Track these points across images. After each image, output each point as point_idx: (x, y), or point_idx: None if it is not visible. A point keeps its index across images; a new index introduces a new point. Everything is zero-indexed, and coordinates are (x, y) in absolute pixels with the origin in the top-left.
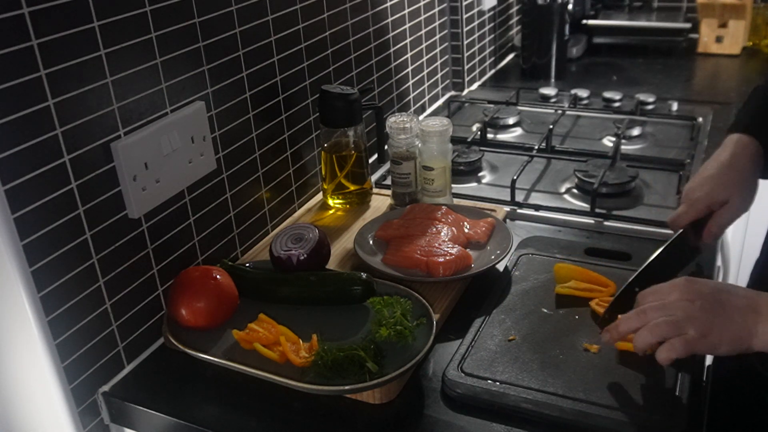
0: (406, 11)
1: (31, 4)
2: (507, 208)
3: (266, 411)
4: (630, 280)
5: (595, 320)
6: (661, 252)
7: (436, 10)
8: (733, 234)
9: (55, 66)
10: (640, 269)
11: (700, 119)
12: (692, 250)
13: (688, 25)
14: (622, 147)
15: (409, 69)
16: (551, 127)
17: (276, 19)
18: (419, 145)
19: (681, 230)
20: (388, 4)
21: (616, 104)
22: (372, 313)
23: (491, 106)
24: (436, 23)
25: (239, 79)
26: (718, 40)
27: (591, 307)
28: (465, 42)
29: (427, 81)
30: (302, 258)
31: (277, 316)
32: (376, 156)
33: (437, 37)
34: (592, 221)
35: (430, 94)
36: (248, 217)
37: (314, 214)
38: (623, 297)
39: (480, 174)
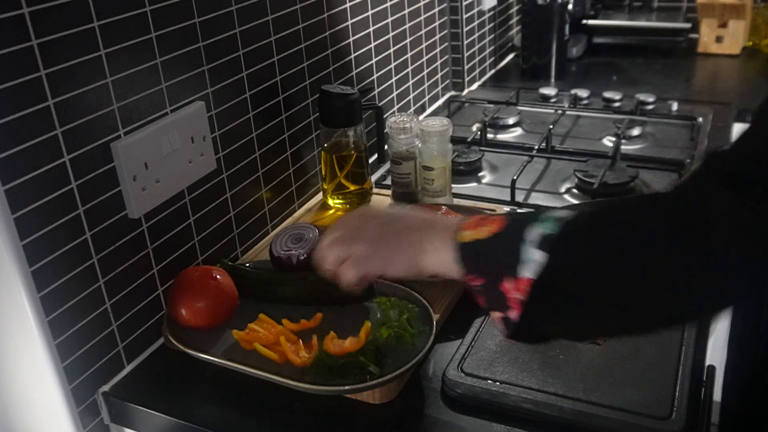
0: (406, 11)
1: (31, 4)
2: (507, 208)
3: (266, 411)
4: None
5: None
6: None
7: (436, 10)
8: None
9: (55, 66)
10: None
11: (700, 119)
12: None
13: (688, 25)
14: (622, 147)
15: (409, 69)
16: (551, 127)
17: (276, 19)
18: (419, 145)
19: None
20: (389, 4)
21: (616, 104)
22: (371, 313)
23: (491, 106)
24: (436, 23)
25: (239, 79)
26: (718, 40)
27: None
28: (465, 42)
29: (427, 81)
30: (302, 258)
31: (277, 316)
32: (376, 156)
33: (437, 37)
34: None
35: (430, 94)
36: (248, 217)
37: (314, 214)
38: None
39: (480, 174)
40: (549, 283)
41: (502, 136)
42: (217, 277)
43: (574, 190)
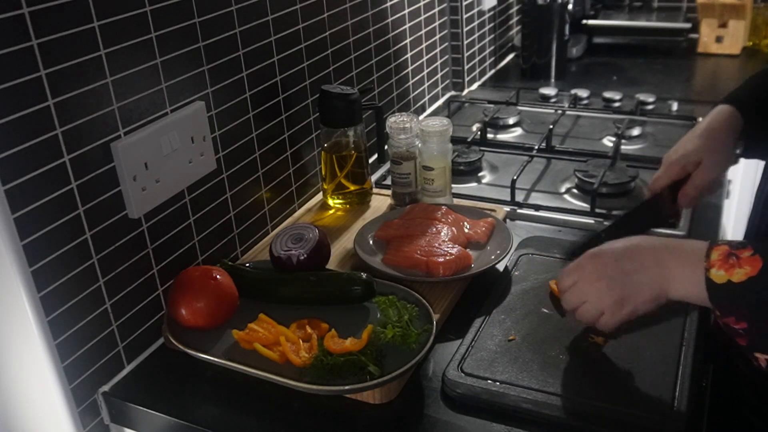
0: (406, 11)
1: (31, 4)
2: (507, 208)
3: (266, 411)
4: (598, 232)
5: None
6: (632, 210)
7: (436, 10)
8: (733, 232)
9: (55, 66)
10: (610, 223)
11: (700, 119)
12: (668, 214)
13: (688, 25)
14: (622, 147)
15: (409, 69)
16: (551, 127)
17: (276, 19)
18: (419, 145)
19: (657, 193)
20: (388, 4)
21: (616, 104)
22: (371, 313)
23: (491, 106)
24: (436, 23)
25: (239, 79)
26: (718, 40)
27: (550, 286)
28: (465, 42)
29: (427, 81)
30: (302, 258)
31: (277, 316)
32: (376, 156)
33: (437, 37)
34: (592, 221)
35: (430, 94)
36: (248, 217)
37: (314, 214)
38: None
39: (480, 174)
40: None
41: (502, 136)
42: (217, 277)
43: (574, 190)
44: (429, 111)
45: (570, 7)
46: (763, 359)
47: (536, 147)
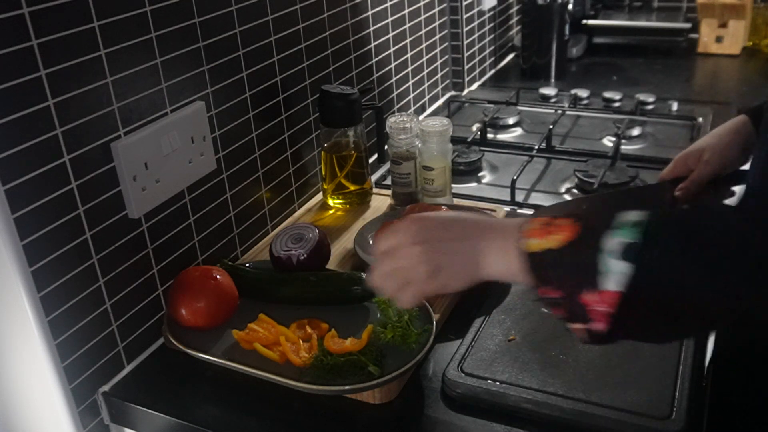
0: (406, 11)
1: (31, 4)
2: (507, 208)
3: (266, 411)
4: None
5: None
6: (625, 190)
7: (436, 10)
8: None
9: (55, 66)
10: (600, 193)
11: (700, 119)
12: (670, 201)
13: (688, 25)
14: (622, 147)
15: (409, 69)
16: (551, 127)
17: (276, 19)
18: (419, 145)
19: (656, 182)
20: (388, 4)
21: (616, 104)
22: (371, 313)
23: (491, 106)
24: (436, 23)
25: (239, 79)
26: (718, 40)
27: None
28: (465, 42)
29: (427, 81)
30: (302, 258)
31: (277, 316)
32: (376, 156)
33: (437, 37)
34: None
35: (430, 94)
36: (248, 217)
37: (314, 214)
38: None
39: (480, 174)
40: (637, 295)
41: (502, 136)
42: (217, 277)
43: (574, 190)
44: (429, 111)
45: (570, 7)
46: (581, 330)
47: (536, 147)
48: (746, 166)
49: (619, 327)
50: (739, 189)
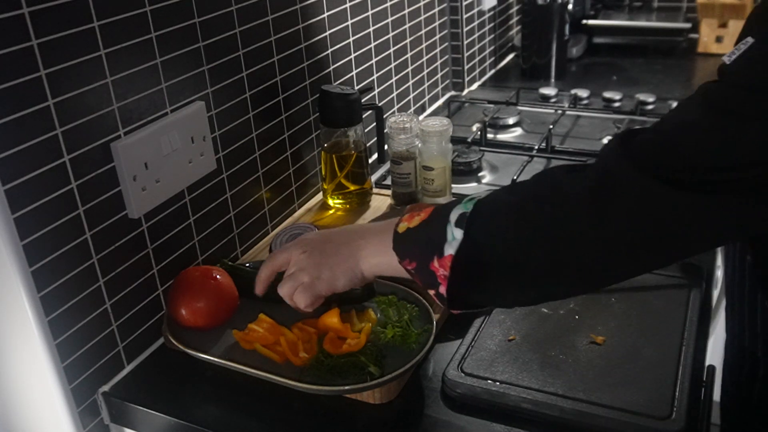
0: (406, 11)
1: (31, 4)
2: None
3: (266, 411)
4: None
5: None
6: None
7: (436, 10)
8: None
9: (55, 66)
10: None
11: None
12: None
13: (688, 25)
14: None
15: (409, 69)
16: (551, 127)
17: (276, 19)
18: (419, 145)
19: None
20: (389, 4)
21: (616, 104)
22: (371, 314)
23: (491, 106)
24: (436, 23)
25: (239, 79)
26: (718, 40)
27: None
28: (465, 42)
29: (427, 81)
30: None
31: (277, 316)
32: (376, 156)
33: (437, 37)
34: None
35: (430, 94)
36: (248, 217)
37: (314, 214)
38: None
39: (480, 174)
40: (466, 258)
41: (502, 136)
42: (217, 277)
43: None
44: (429, 111)
45: (570, 7)
46: (433, 295)
47: (536, 147)
48: None
49: (455, 287)
50: None
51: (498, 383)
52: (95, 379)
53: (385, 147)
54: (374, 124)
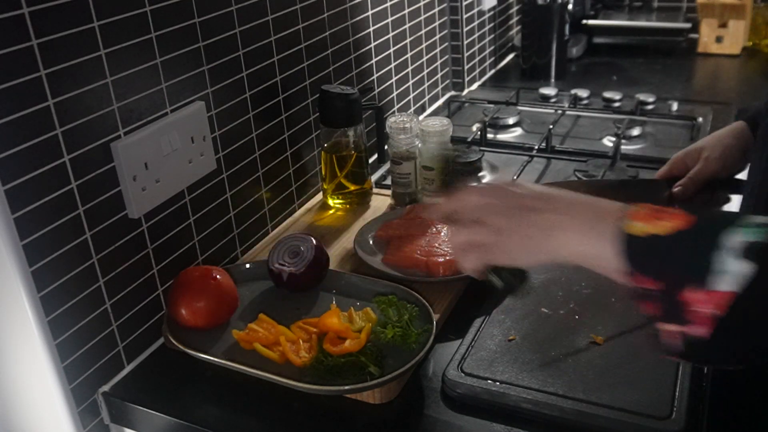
0: (406, 11)
1: (31, 4)
2: None
3: (266, 411)
4: (584, 180)
5: None
6: (619, 180)
7: (436, 10)
8: None
9: (55, 66)
10: (595, 180)
11: (700, 119)
12: (666, 200)
13: (688, 25)
14: (622, 147)
15: (409, 69)
16: (551, 127)
17: (276, 19)
18: (419, 145)
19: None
20: (388, 4)
21: (616, 104)
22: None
23: (491, 106)
24: (436, 23)
25: (239, 79)
26: (718, 40)
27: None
28: (465, 42)
29: (427, 81)
30: (295, 273)
31: (277, 316)
32: (376, 156)
33: (437, 37)
34: None
35: (430, 94)
36: (248, 217)
37: (314, 214)
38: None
39: (480, 174)
40: (754, 299)
41: (502, 136)
42: (217, 277)
43: None
44: (429, 111)
45: (570, 7)
46: (673, 333)
47: (536, 147)
48: (743, 175)
49: (722, 335)
50: (736, 197)
51: (498, 383)
52: (95, 379)
53: (385, 147)
54: (374, 124)
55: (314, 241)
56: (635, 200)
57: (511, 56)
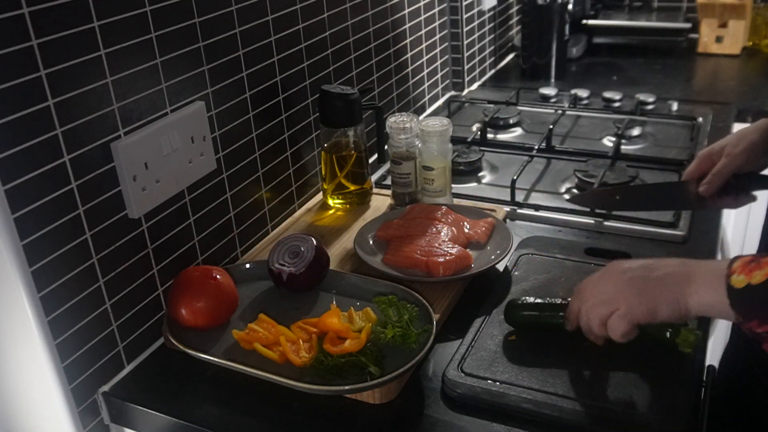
0: (406, 11)
1: (31, 4)
2: (507, 208)
3: (266, 411)
4: (613, 186)
5: None
6: (653, 185)
7: (436, 10)
8: (732, 234)
9: (55, 66)
10: (627, 184)
11: (700, 119)
12: (694, 200)
13: (688, 25)
14: (622, 147)
15: (409, 69)
16: (551, 127)
17: (276, 19)
18: (419, 145)
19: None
20: (388, 4)
21: (616, 104)
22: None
23: (491, 106)
24: (436, 23)
25: (239, 79)
26: (718, 40)
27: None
28: (465, 42)
29: (427, 81)
30: (295, 274)
31: (277, 316)
32: (376, 156)
33: (437, 37)
34: (592, 221)
35: (430, 94)
36: (248, 217)
37: (314, 214)
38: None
39: (480, 174)
40: None
41: (502, 136)
42: (217, 277)
43: (574, 190)
44: (429, 111)
45: (570, 7)
46: None
47: (536, 147)
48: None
49: None
50: (760, 194)
51: (498, 383)
52: (95, 379)
53: (385, 147)
54: (374, 124)
55: (314, 242)
56: (667, 203)
57: (511, 56)
